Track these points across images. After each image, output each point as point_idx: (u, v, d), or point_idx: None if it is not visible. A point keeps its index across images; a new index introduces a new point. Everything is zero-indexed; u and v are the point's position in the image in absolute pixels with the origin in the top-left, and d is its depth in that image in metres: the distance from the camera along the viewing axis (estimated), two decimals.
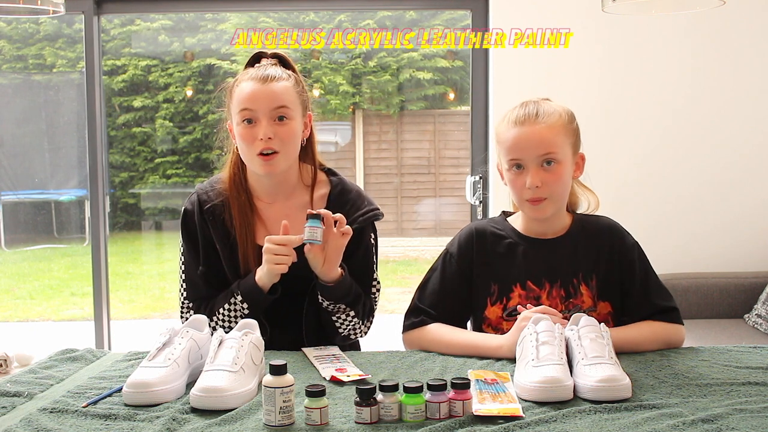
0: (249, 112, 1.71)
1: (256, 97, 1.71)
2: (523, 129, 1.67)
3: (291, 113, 1.73)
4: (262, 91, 1.71)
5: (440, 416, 1.25)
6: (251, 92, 1.71)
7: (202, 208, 1.80)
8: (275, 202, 1.82)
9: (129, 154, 7.47)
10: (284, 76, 1.75)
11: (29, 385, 1.48)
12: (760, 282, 3.38)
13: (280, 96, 1.72)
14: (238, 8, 4.32)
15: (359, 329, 1.80)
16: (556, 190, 1.68)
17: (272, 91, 1.71)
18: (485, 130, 3.64)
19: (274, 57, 1.82)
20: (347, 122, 7.33)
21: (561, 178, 1.68)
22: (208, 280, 1.78)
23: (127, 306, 6.58)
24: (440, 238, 7.47)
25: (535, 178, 1.66)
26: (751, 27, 3.53)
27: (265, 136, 1.69)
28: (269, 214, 1.81)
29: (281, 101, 1.72)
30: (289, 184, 1.82)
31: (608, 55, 3.54)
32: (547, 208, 1.69)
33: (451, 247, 1.81)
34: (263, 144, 1.69)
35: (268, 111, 1.71)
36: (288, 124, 1.73)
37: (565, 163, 1.69)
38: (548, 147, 1.66)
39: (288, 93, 1.74)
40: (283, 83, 1.74)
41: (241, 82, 1.75)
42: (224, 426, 1.24)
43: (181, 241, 1.83)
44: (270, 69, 1.76)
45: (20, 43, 7.26)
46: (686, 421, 1.21)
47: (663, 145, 3.57)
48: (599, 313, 1.71)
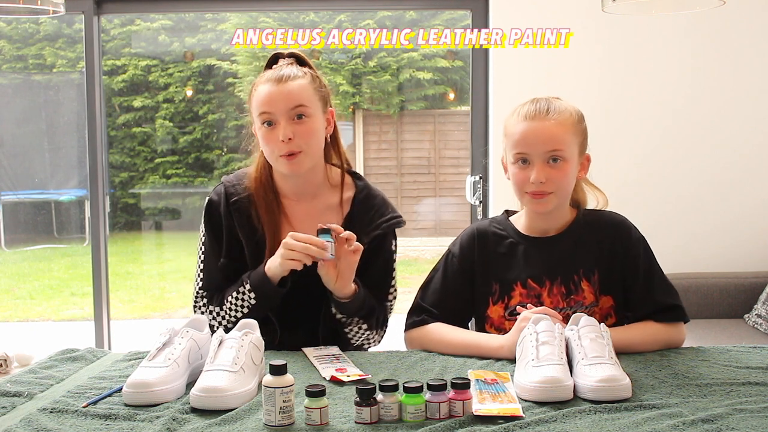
0: (267, 115, 1.71)
1: (272, 98, 1.70)
2: (533, 124, 1.67)
3: (309, 111, 1.72)
4: (278, 91, 1.71)
5: (440, 416, 1.25)
6: (268, 94, 1.71)
7: (228, 200, 1.79)
8: (301, 201, 1.81)
9: (129, 154, 7.48)
10: (299, 74, 1.74)
11: (29, 385, 1.48)
12: (760, 282, 3.38)
13: (296, 95, 1.71)
14: (238, 8, 4.32)
15: (372, 339, 1.80)
16: (560, 187, 1.68)
17: (288, 90, 1.71)
18: (485, 130, 3.64)
19: (291, 56, 1.81)
20: (348, 122, 7.34)
21: (566, 176, 1.68)
22: (227, 273, 1.78)
23: (127, 306, 6.58)
24: (440, 238, 7.47)
25: (540, 174, 1.65)
26: (751, 27, 3.53)
27: (285, 137, 1.68)
28: (295, 213, 1.81)
29: (298, 100, 1.71)
30: (315, 184, 1.81)
31: (608, 55, 3.54)
32: (549, 203, 1.69)
33: (453, 247, 1.82)
34: (285, 146, 1.69)
35: (286, 111, 1.70)
36: (307, 122, 1.72)
37: (571, 161, 1.68)
38: (556, 144, 1.66)
39: (305, 90, 1.72)
40: (298, 81, 1.72)
41: (258, 86, 1.75)
42: (224, 426, 1.24)
43: (203, 231, 1.82)
44: (285, 69, 1.75)
45: (20, 43, 7.27)
46: (686, 421, 1.21)
47: (663, 145, 3.57)
48: (601, 307, 1.71)
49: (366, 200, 1.82)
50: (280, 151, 1.70)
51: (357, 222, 1.78)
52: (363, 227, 1.77)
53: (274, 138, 1.70)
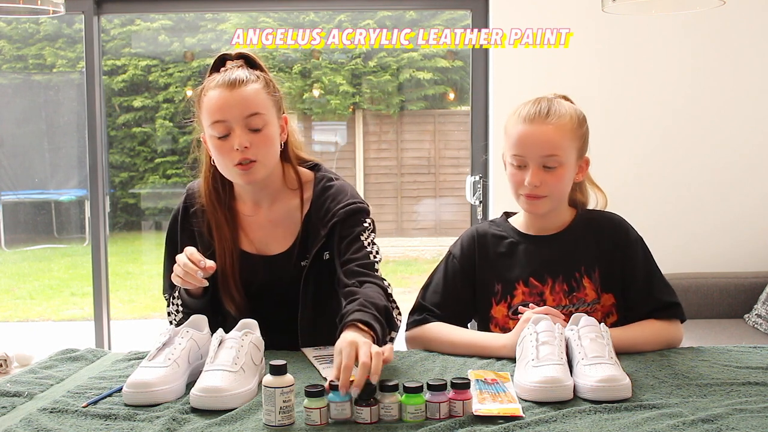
0: (221, 123, 1.61)
1: (226, 105, 1.60)
2: (531, 127, 1.67)
3: (265, 119, 1.63)
4: (231, 98, 1.60)
5: (440, 416, 1.25)
6: (220, 101, 1.61)
7: (187, 212, 1.78)
8: (259, 207, 1.77)
9: (129, 154, 7.47)
10: (252, 78, 1.64)
11: (29, 385, 1.48)
12: (760, 282, 3.38)
13: (251, 102, 1.62)
14: (238, 8, 4.32)
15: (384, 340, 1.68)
16: (555, 191, 1.69)
17: (242, 97, 1.61)
18: (485, 130, 3.64)
19: (240, 58, 1.70)
20: (343, 122, 7.34)
21: (561, 181, 1.68)
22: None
23: (127, 306, 6.58)
24: (440, 238, 7.47)
25: (534, 178, 1.65)
26: (751, 27, 3.53)
27: (241, 146, 1.60)
28: (253, 222, 1.77)
29: (253, 107, 1.62)
30: (273, 189, 1.76)
31: (608, 55, 3.54)
32: (543, 205, 1.70)
33: (453, 248, 1.83)
34: (240, 154, 1.61)
35: (241, 119, 1.61)
36: (263, 131, 1.63)
37: (567, 165, 1.68)
38: (552, 149, 1.65)
39: (259, 96, 1.63)
40: (252, 86, 1.63)
41: (208, 91, 1.64)
42: (224, 426, 1.24)
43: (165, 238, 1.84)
44: (237, 72, 1.64)
45: (20, 43, 7.26)
46: (686, 421, 1.21)
47: (663, 145, 3.57)
48: (603, 305, 1.72)
49: (322, 193, 1.73)
50: (234, 160, 1.61)
51: (314, 217, 1.73)
52: (320, 219, 1.72)
53: (227, 147, 1.61)
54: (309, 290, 1.72)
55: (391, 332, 1.60)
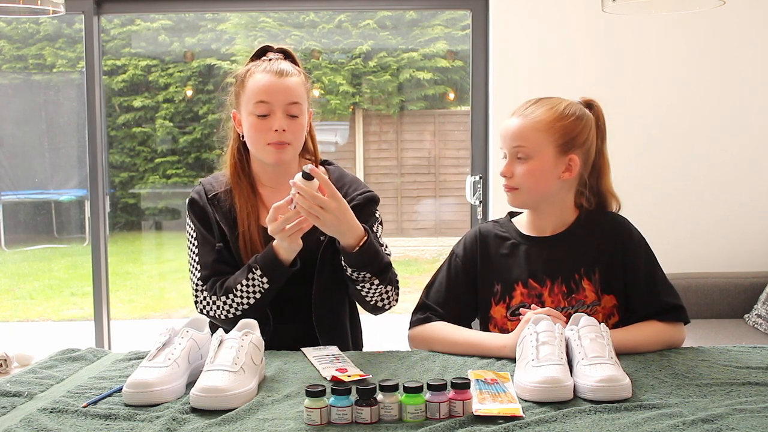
0: (265, 104, 1.75)
1: (273, 89, 1.75)
2: (508, 120, 1.74)
3: (302, 108, 1.79)
4: (278, 84, 1.76)
5: (440, 416, 1.25)
6: (268, 84, 1.76)
7: (208, 196, 1.83)
8: (278, 189, 1.83)
9: (129, 154, 7.48)
10: (295, 72, 1.80)
11: (29, 385, 1.48)
12: (760, 282, 3.38)
13: (294, 91, 1.77)
14: (238, 8, 4.32)
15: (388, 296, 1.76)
16: (524, 184, 1.71)
17: (287, 86, 1.76)
18: (485, 130, 3.64)
19: (280, 51, 1.85)
20: (346, 122, 7.34)
21: (531, 174, 1.70)
22: (224, 259, 1.78)
23: (127, 306, 6.59)
24: (440, 238, 7.47)
25: (506, 169, 1.73)
26: (751, 27, 3.53)
27: (281, 128, 1.74)
28: (273, 199, 1.80)
29: (295, 97, 1.77)
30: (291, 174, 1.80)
31: (608, 55, 3.54)
32: (515, 198, 1.74)
33: (456, 248, 1.84)
34: (278, 136, 1.74)
35: (283, 105, 1.75)
36: (299, 119, 1.78)
37: (540, 159, 1.69)
38: (519, 141, 1.70)
39: (300, 89, 1.79)
40: (295, 79, 1.79)
41: (255, 74, 1.78)
42: (224, 426, 1.24)
43: (190, 230, 1.83)
44: (282, 64, 1.80)
45: (20, 43, 7.27)
46: (686, 421, 1.21)
47: (663, 144, 3.57)
48: (604, 306, 1.71)
49: (339, 178, 1.87)
50: (269, 139, 1.75)
51: None
52: None
53: (266, 127, 1.75)
54: (325, 266, 1.78)
55: (384, 279, 1.73)
